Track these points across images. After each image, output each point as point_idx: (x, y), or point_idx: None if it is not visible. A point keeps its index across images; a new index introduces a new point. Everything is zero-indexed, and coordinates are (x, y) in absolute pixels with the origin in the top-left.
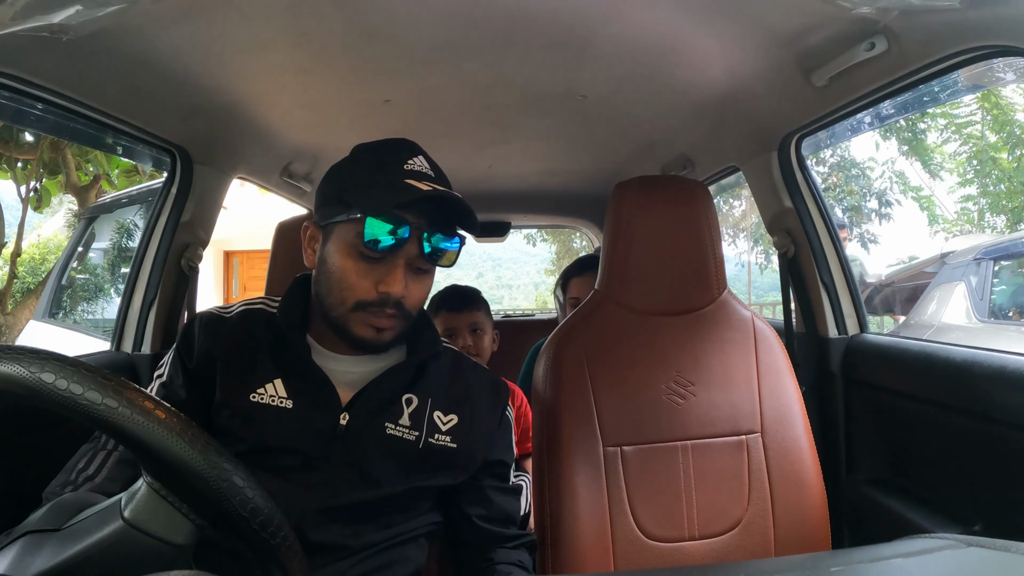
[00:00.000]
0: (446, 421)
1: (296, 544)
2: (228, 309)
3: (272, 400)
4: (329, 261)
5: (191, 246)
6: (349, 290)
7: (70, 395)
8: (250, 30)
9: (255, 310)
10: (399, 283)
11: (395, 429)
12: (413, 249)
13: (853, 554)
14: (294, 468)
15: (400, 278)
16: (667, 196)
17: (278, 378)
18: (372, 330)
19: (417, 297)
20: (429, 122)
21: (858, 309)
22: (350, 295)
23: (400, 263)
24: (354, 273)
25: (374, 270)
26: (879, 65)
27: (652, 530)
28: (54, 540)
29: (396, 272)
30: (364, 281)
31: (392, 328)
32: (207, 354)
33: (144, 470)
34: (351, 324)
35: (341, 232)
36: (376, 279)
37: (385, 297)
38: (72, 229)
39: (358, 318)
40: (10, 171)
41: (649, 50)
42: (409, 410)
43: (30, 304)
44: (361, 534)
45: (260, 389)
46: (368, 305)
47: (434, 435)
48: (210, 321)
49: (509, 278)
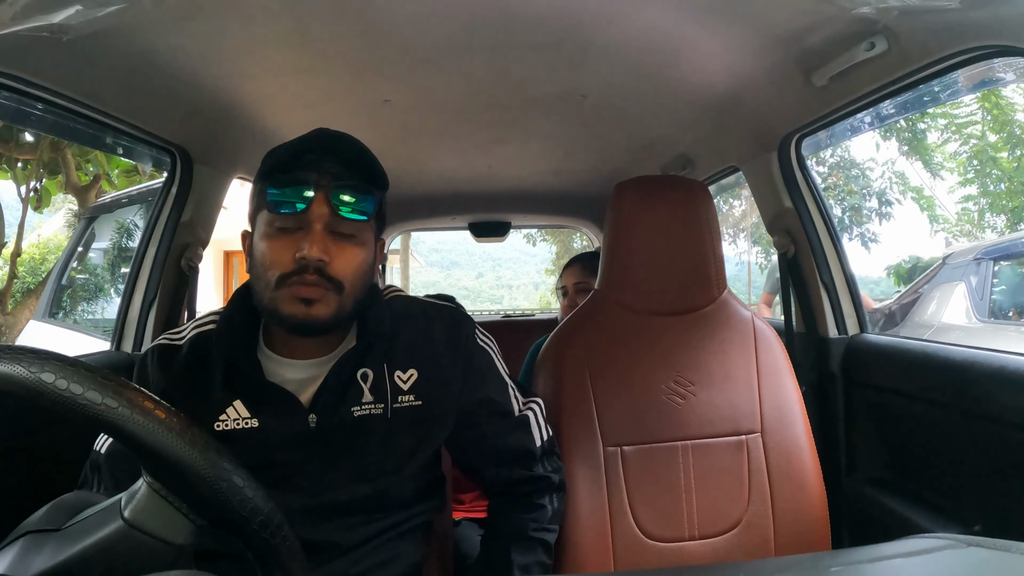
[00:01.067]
0: (406, 379)
1: (296, 544)
2: (179, 335)
3: (236, 424)
4: (254, 251)
5: (191, 246)
6: (271, 267)
7: (70, 395)
8: (250, 30)
9: (206, 332)
10: (315, 244)
11: (361, 409)
12: (323, 208)
13: (853, 554)
14: (277, 481)
15: (316, 240)
16: (667, 196)
17: (237, 399)
18: (299, 304)
19: (344, 265)
20: (429, 122)
21: (858, 309)
22: (272, 272)
23: (316, 227)
24: (273, 248)
25: (290, 242)
26: (879, 65)
27: (652, 530)
28: (54, 540)
29: (314, 234)
30: (282, 255)
31: (321, 299)
32: (163, 393)
33: (144, 470)
34: (279, 305)
35: (259, 219)
36: (294, 249)
37: (303, 263)
38: (72, 229)
39: (282, 295)
40: (10, 171)
41: (649, 50)
42: (368, 385)
43: (30, 304)
44: (352, 530)
45: (222, 416)
46: (288, 276)
47: (398, 398)
48: (161, 355)
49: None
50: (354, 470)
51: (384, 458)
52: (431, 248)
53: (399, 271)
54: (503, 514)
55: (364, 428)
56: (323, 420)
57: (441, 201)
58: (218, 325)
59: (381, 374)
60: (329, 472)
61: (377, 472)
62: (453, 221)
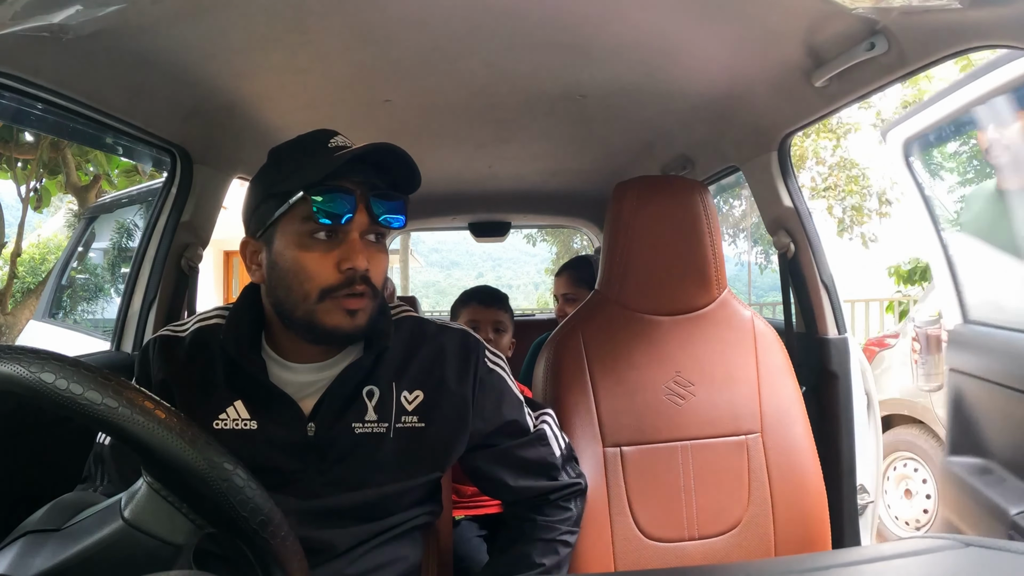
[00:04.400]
0: (411, 399)
1: (296, 544)
2: (183, 327)
3: (236, 424)
4: (280, 262)
5: (191, 246)
6: (310, 280)
7: (70, 395)
8: (250, 30)
9: (209, 327)
10: (361, 254)
11: (363, 427)
12: (363, 218)
13: (853, 554)
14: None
15: (360, 248)
16: (667, 196)
17: (238, 399)
18: (345, 315)
19: (378, 272)
20: (429, 122)
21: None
22: (313, 285)
23: (355, 235)
24: (311, 260)
25: (330, 251)
26: (879, 65)
27: (652, 530)
28: (54, 540)
29: (354, 244)
30: (324, 266)
31: (364, 309)
32: (163, 384)
33: (144, 470)
34: (321, 316)
35: (285, 227)
36: (336, 260)
37: (351, 274)
38: (72, 229)
39: (326, 308)
40: (10, 171)
41: (649, 50)
42: (372, 403)
43: (30, 304)
44: (348, 533)
45: (222, 415)
46: (335, 289)
47: (401, 418)
48: (164, 346)
49: (509, 278)
50: (351, 481)
51: (382, 474)
52: (431, 248)
53: (399, 271)
54: (529, 518)
55: (363, 445)
56: (322, 431)
57: (441, 201)
58: (226, 323)
59: (388, 393)
60: (324, 480)
61: (373, 484)
62: (453, 221)
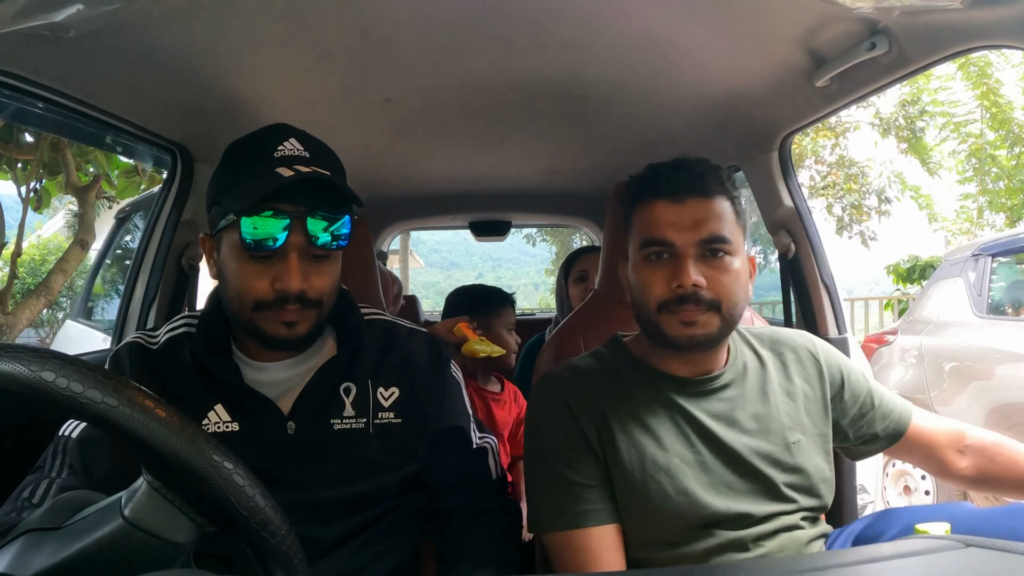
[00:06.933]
0: (388, 396)
1: (296, 543)
2: (154, 337)
3: (218, 427)
4: (224, 268)
5: (191, 245)
6: (246, 293)
7: (70, 394)
8: (251, 29)
9: (179, 336)
10: (294, 277)
11: (342, 423)
12: (299, 239)
13: (853, 554)
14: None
15: (294, 271)
16: None
17: (218, 403)
18: (282, 326)
19: (321, 287)
20: (429, 121)
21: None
22: (248, 298)
23: (292, 256)
24: (248, 275)
25: (268, 268)
26: (880, 65)
27: None
28: (54, 538)
29: (289, 265)
30: (259, 282)
31: (303, 320)
32: None
33: (144, 469)
34: (260, 324)
35: (227, 237)
36: (272, 277)
37: (283, 294)
38: (72, 229)
39: (264, 317)
40: (10, 171)
41: (649, 50)
42: (350, 399)
43: (30, 304)
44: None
45: (203, 421)
46: (268, 305)
47: (379, 415)
48: (138, 355)
49: (509, 278)
50: (334, 475)
51: (363, 469)
52: (431, 249)
53: (399, 271)
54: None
55: (344, 441)
56: (301, 428)
57: (442, 200)
58: (196, 331)
59: (364, 389)
60: (308, 477)
61: (356, 479)
62: (453, 220)
